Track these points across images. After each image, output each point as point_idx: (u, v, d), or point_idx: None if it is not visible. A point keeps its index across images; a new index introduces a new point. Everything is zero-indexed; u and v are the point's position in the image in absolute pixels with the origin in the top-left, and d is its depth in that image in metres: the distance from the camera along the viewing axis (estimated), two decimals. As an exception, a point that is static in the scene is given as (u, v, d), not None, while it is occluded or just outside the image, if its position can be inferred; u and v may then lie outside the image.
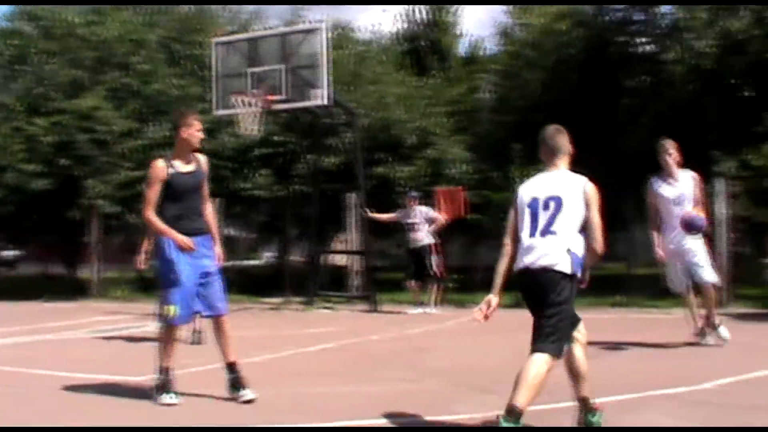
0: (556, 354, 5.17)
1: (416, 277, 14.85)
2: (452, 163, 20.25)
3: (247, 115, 14.56)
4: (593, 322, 10.39)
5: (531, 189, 5.52)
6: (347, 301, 16.63)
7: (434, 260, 14.67)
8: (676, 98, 17.20)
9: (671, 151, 9.38)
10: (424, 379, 7.52)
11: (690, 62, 16.45)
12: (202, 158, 6.87)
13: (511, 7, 23.42)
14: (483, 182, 19.88)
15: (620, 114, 18.83)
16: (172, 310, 6.49)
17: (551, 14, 20.69)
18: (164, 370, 6.62)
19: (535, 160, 17.81)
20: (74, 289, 20.15)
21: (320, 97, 14.33)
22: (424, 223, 14.69)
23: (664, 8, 18.50)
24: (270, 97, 14.44)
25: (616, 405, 6.21)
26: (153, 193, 6.59)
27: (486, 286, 18.29)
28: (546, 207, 5.34)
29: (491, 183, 19.27)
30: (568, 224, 5.26)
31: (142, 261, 11.21)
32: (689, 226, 8.73)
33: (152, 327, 12.56)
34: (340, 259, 20.22)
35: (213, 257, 6.71)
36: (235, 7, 23.48)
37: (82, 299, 18.73)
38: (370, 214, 15.41)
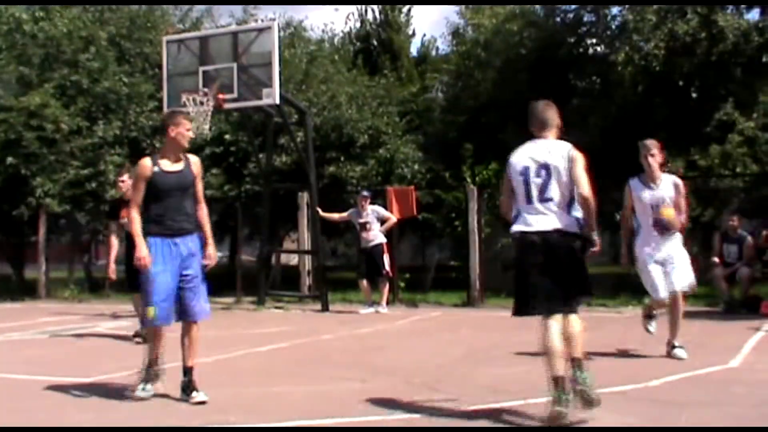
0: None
1: (368, 277, 14.85)
2: (404, 162, 20.31)
3: (198, 114, 14.45)
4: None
5: (522, 158, 5.86)
6: (299, 300, 16.58)
7: (386, 260, 14.69)
8: (625, 99, 17.41)
9: (654, 152, 8.65)
10: (376, 378, 7.54)
11: (639, 63, 16.64)
12: (194, 158, 6.81)
13: (462, 7, 23.54)
14: (434, 182, 19.99)
15: (570, 114, 18.98)
16: (151, 312, 6.47)
17: (503, 15, 20.83)
18: (147, 363, 6.71)
19: (487, 159, 17.81)
20: (21, 290, 19.88)
21: (271, 96, 14.25)
22: (375, 223, 14.69)
23: (614, 10, 18.70)
24: (221, 96, 14.36)
25: (565, 403, 6.27)
26: (137, 192, 6.58)
27: (437, 285, 18.38)
28: (538, 175, 5.74)
29: (443, 182, 19.38)
30: (562, 189, 5.71)
31: (113, 271, 11.10)
32: (661, 225, 8.33)
33: (101, 327, 12.48)
34: (291, 259, 20.18)
35: (198, 259, 6.64)
36: (186, 6, 23.33)
37: (29, 300, 18.46)
38: (323, 214, 15.38)
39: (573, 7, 19.38)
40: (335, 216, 15.47)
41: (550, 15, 19.86)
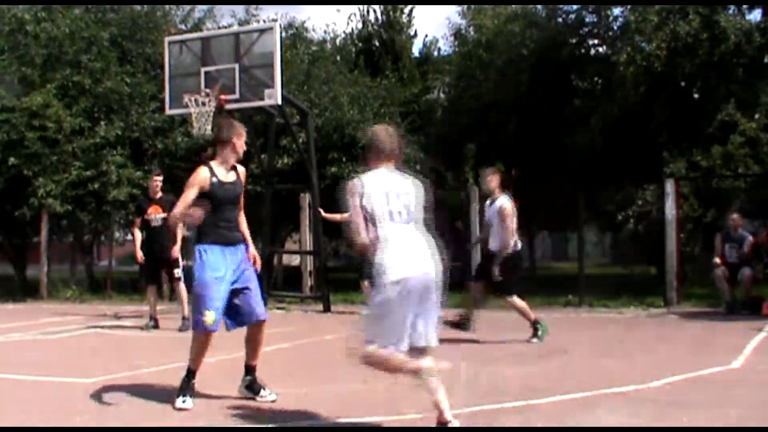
0: None
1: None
2: (405, 163, 20.29)
3: (200, 115, 14.44)
4: (545, 321, 10.50)
5: None
6: (300, 301, 16.58)
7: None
8: (626, 99, 17.40)
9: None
10: (377, 379, 7.52)
11: (641, 64, 16.64)
12: (241, 168, 6.87)
13: (464, 8, 23.54)
14: (436, 182, 20.00)
15: (571, 115, 19.01)
16: (212, 316, 6.40)
17: (504, 15, 20.83)
18: (189, 372, 6.61)
19: (488, 159, 17.92)
20: (23, 290, 19.88)
21: (273, 96, 14.26)
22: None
23: (616, 10, 18.70)
24: (223, 97, 14.36)
25: (566, 403, 6.28)
26: (186, 197, 6.54)
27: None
28: None
29: (444, 183, 19.39)
30: None
31: (141, 257, 11.82)
32: None
33: (103, 328, 12.48)
34: (293, 260, 20.16)
35: (247, 267, 6.69)
36: (188, 6, 23.31)
37: (31, 300, 18.47)
38: (324, 215, 15.37)
39: (575, 7, 19.37)
40: (337, 217, 15.45)
41: (551, 16, 19.86)
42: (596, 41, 19.98)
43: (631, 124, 17.33)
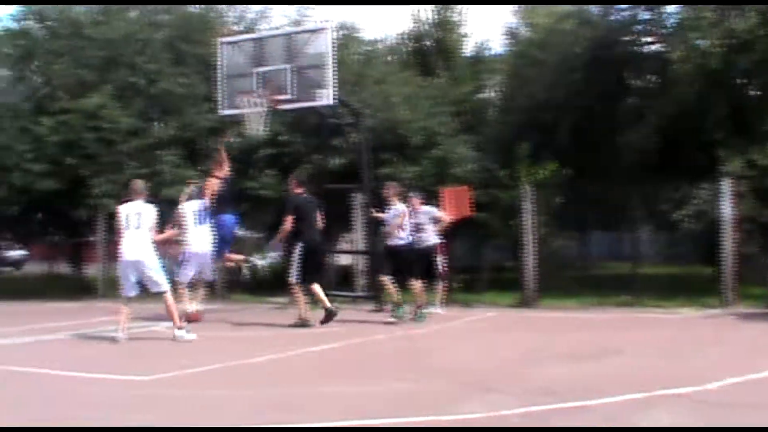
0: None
1: (422, 278, 14.83)
2: (458, 162, 20.22)
3: (254, 115, 14.56)
4: (598, 321, 10.45)
5: None
6: (352, 300, 16.58)
7: (440, 260, 14.65)
8: (681, 97, 17.17)
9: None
10: (429, 379, 7.52)
11: (696, 61, 16.41)
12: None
13: (517, 7, 23.42)
14: (489, 181, 19.90)
15: (626, 113, 18.79)
16: None
17: (557, 14, 20.68)
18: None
19: (541, 158, 17.78)
20: (80, 289, 20.15)
21: (326, 97, 14.30)
22: (429, 223, 14.65)
23: (670, 8, 18.46)
24: (276, 97, 14.44)
25: (623, 404, 6.21)
26: None
27: (492, 286, 18.38)
28: None
29: (498, 182, 19.29)
30: None
31: None
32: None
33: (159, 327, 12.61)
34: (345, 259, 20.19)
35: None
36: (241, 7, 23.47)
37: (87, 299, 18.71)
38: (376, 214, 15.38)
39: (628, 5, 19.16)
40: (381, 216, 15.44)
41: (604, 13, 19.66)
42: (650, 39, 19.73)
43: (686, 122, 17.08)
